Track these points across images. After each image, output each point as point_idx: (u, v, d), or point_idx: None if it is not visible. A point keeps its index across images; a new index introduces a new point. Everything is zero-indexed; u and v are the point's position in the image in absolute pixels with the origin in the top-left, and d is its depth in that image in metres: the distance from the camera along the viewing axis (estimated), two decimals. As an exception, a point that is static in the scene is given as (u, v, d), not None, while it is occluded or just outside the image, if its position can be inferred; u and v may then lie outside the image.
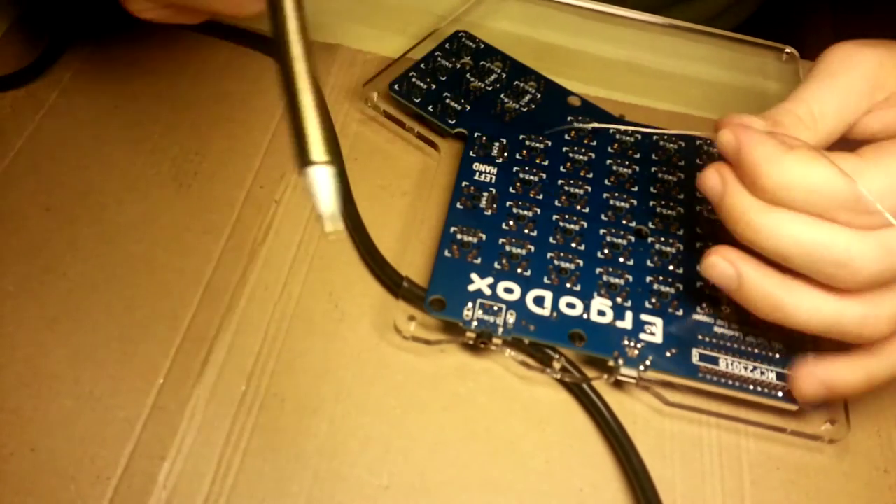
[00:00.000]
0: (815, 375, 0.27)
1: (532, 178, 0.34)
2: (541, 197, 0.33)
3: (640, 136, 0.36)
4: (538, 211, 0.33)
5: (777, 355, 0.29)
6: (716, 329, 0.30)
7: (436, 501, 0.27)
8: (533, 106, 0.37)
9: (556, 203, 0.33)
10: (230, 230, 0.33)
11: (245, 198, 0.34)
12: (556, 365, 0.29)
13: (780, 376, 0.29)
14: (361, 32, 0.40)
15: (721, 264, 0.27)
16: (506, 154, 0.34)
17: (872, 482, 0.29)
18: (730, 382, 0.29)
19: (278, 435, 0.28)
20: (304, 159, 0.21)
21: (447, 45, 0.38)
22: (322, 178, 0.21)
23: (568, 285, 0.30)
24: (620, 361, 0.29)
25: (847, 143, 0.28)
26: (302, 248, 0.33)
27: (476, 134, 0.35)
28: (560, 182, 0.33)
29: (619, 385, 0.30)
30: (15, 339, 0.29)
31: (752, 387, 0.28)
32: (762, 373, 0.29)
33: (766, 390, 0.28)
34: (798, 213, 0.25)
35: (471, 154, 0.34)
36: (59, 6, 0.38)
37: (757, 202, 0.25)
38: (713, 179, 0.27)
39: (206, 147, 0.35)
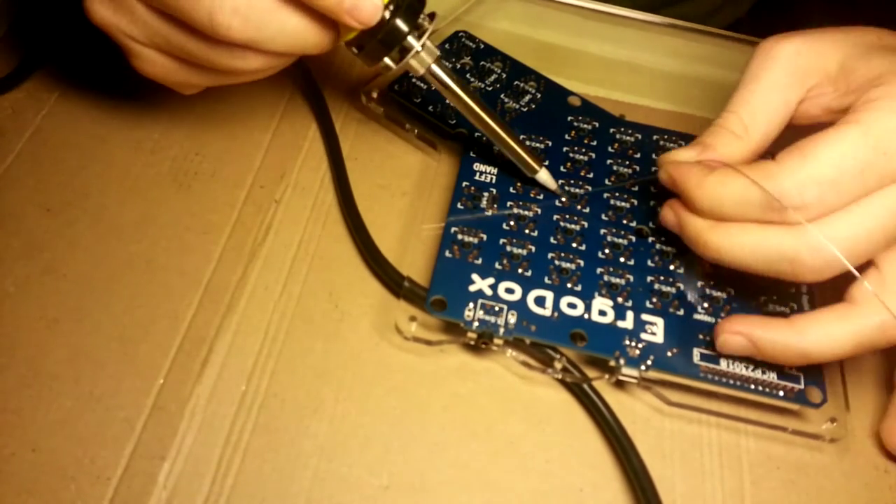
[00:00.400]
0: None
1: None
2: (541, 197, 0.33)
3: (639, 136, 0.36)
4: (539, 211, 0.33)
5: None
6: (717, 329, 0.30)
7: (436, 501, 0.27)
8: (533, 106, 0.37)
9: (557, 203, 0.33)
10: (230, 230, 0.33)
11: (245, 198, 0.34)
12: (558, 365, 0.29)
13: (781, 375, 0.29)
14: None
15: (732, 340, 0.28)
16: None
17: (872, 482, 0.29)
18: (731, 382, 0.29)
19: (278, 435, 0.28)
20: (531, 170, 0.33)
21: (447, 46, 0.38)
22: (545, 176, 0.33)
23: (569, 285, 0.30)
24: (622, 361, 0.29)
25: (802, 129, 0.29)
26: (302, 248, 0.33)
27: (476, 134, 0.35)
28: (560, 182, 0.33)
29: (620, 385, 0.30)
30: (15, 340, 0.29)
31: (752, 386, 0.28)
32: (763, 372, 0.29)
33: (766, 389, 0.28)
34: (741, 224, 0.27)
35: (471, 154, 0.34)
36: (46, 17, 0.39)
37: (706, 223, 0.28)
38: (668, 215, 0.30)
39: (205, 147, 0.35)
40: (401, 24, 0.28)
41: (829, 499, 0.28)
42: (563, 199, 0.33)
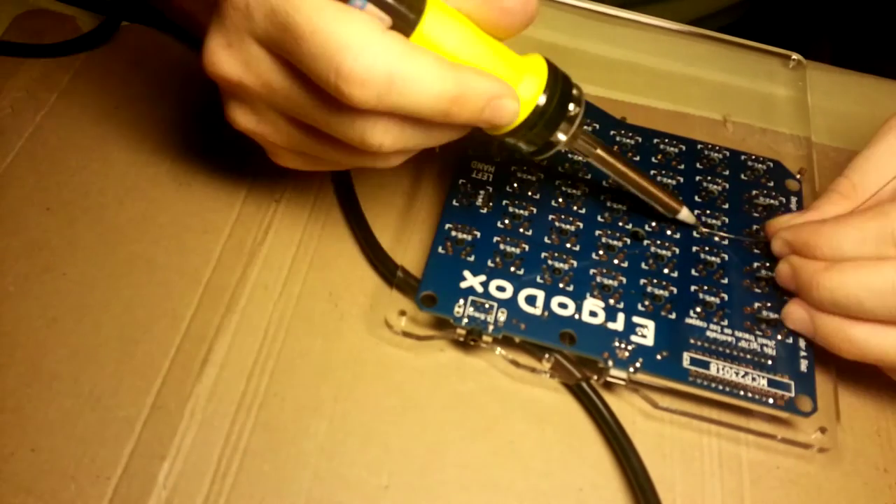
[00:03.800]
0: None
1: (530, 177, 0.34)
2: (538, 197, 0.33)
3: (640, 139, 0.36)
4: (534, 210, 0.33)
5: (769, 362, 0.29)
6: (708, 333, 0.30)
7: (436, 501, 0.27)
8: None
9: (553, 203, 0.33)
10: (230, 230, 0.33)
11: (245, 197, 0.34)
12: (546, 364, 0.29)
13: (771, 383, 0.29)
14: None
15: (796, 313, 0.30)
16: (504, 153, 0.34)
17: (872, 482, 0.29)
18: (720, 387, 0.29)
19: (278, 434, 0.28)
20: (672, 211, 0.32)
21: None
22: (686, 213, 0.33)
23: (561, 285, 0.30)
24: (610, 363, 0.29)
25: None
26: (301, 247, 0.33)
27: (475, 133, 0.35)
28: (557, 182, 0.34)
29: (609, 387, 0.30)
30: (15, 339, 0.30)
31: (742, 392, 0.29)
32: (753, 378, 0.29)
33: (756, 396, 0.28)
34: (855, 261, 0.28)
35: (469, 152, 0.34)
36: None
37: (821, 264, 0.29)
38: (784, 268, 0.31)
39: (205, 147, 0.35)
40: (551, 123, 0.27)
41: (828, 498, 0.28)
42: (703, 231, 0.33)
